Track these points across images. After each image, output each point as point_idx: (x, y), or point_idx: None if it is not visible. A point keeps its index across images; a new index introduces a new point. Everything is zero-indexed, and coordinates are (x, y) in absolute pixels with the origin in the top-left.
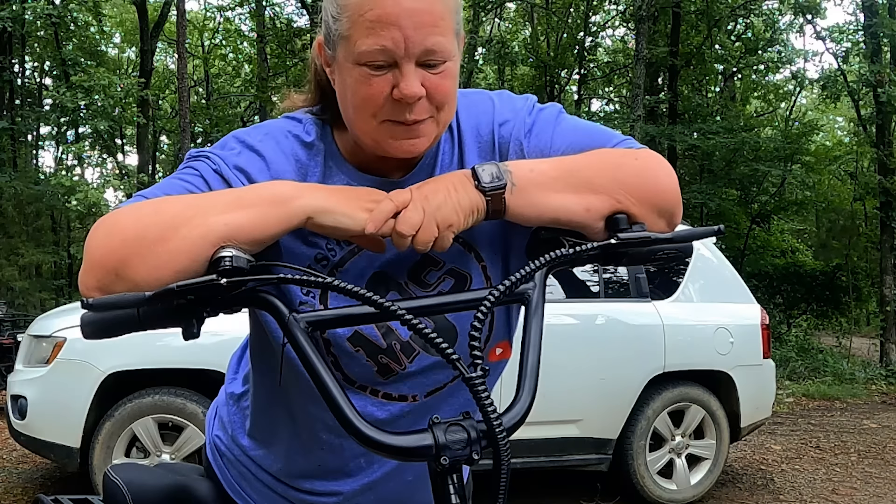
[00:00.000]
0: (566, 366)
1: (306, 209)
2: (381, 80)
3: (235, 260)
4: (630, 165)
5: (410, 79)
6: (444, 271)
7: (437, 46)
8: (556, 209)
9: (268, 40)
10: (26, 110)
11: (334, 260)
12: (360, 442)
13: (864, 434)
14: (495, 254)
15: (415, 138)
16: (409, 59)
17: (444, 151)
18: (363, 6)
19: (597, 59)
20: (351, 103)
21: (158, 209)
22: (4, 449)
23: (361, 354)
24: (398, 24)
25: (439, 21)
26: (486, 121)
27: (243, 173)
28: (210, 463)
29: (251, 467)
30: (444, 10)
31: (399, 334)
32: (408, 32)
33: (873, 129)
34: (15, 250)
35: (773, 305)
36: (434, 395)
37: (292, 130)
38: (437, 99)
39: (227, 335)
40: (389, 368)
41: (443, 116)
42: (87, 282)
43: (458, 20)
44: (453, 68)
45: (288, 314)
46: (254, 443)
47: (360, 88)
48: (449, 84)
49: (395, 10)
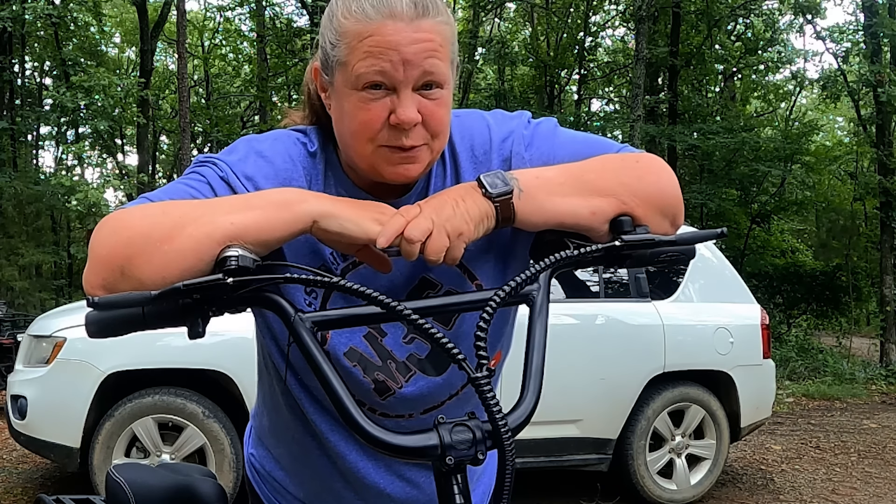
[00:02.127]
0: (566, 366)
1: (312, 213)
2: (379, 105)
3: (242, 259)
4: (633, 168)
5: (407, 104)
6: (441, 294)
7: (435, 69)
8: (563, 213)
9: (268, 40)
10: (26, 110)
11: (337, 272)
12: (366, 441)
13: (864, 434)
14: (491, 272)
15: (410, 164)
16: (406, 84)
17: (435, 175)
18: (362, 33)
19: (597, 59)
20: (348, 128)
21: (165, 209)
22: (4, 449)
23: (359, 370)
24: (398, 48)
25: (438, 48)
26: (481, 141)
27: (250, 181)
28: (249, 479)
29: (278, 488)
30: (442, 39)
31: (395, 355)
32: (407, 56)
33: (873, 129)
34: (15, 250)
35: (773, 305)
36: (430, 413)
37: (299, 139)
38: (431, 126)
39: (228, 335)
40: (386, 386)
41: (436, 144)
42: (91, 280)
43: (454, 50)
44: (448, 97)
45: (294, 314)
46: (275, 465)
47: (357, 114)
48: (443, 112)
49: (394, 37)
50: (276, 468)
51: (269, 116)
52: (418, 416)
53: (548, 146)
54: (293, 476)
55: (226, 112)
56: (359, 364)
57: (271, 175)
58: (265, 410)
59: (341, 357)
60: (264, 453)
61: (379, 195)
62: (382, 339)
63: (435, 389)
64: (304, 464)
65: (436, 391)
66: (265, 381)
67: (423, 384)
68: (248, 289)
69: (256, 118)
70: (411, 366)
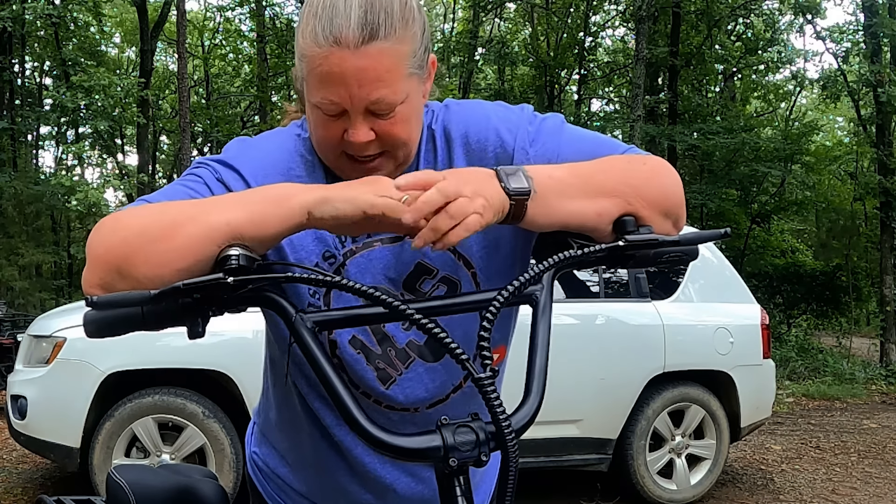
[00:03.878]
0: (566, 366)
1: (305, 204)
2: (335, 125)
3: (242, 259)
4: (640, 170)
5: (358, 127)
6: (437, 279)
7: (383, 98)
8: (570, 215)
9: (268, 40)
10: (26, 110)
11: (339, 257)
12: (367, 442)
13: (864, 434)
14: (485, 259)
15: (373, 173)
16: (356, 111)
17: (426, 162)
18: (314, 60)
19: (597, 59)
20: (314, 137)
21: (163, 209)
22: (4, 449)
23: (362, 358)
24: (343, 82)
25: (384, 75)
26: (477, 130)
27: (246, 178)
28: (251, 477)
29: (282, 485)
30: (391, 62)
31: (395, 341)
32: (353, 90)
33: (873, 129)
34: (15, 250)
35: (773, 305)
36: (436, 408)
37: (295, 130)
38: (387, 142)
39: (228, 335)
40: (388, 374)
41: (400, 153)
42: (89, 279)
43: (418, 57)
44: (405, 111)
45: (294, 314)
46: (280, 461)
47: (317, 129)
48: (399, 129)
49: (339, 70)
50: (280, 465)
51: (269, 116)
52: (424, 411)
53: (553, 143)
54: (298, 472)
55: (226, 112)
56: (361, 352)
57: (269, 169)
58: (273, 405)
59: (346, 345)
60: (268, 450)
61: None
62: (384, 324)
63: (436, 377)
64: (311, 458)
65: (437, 379)
66: (272, 375)
67: (423, 370)
68: (248, 288)
69: (256, 118)
70: (410, 352)
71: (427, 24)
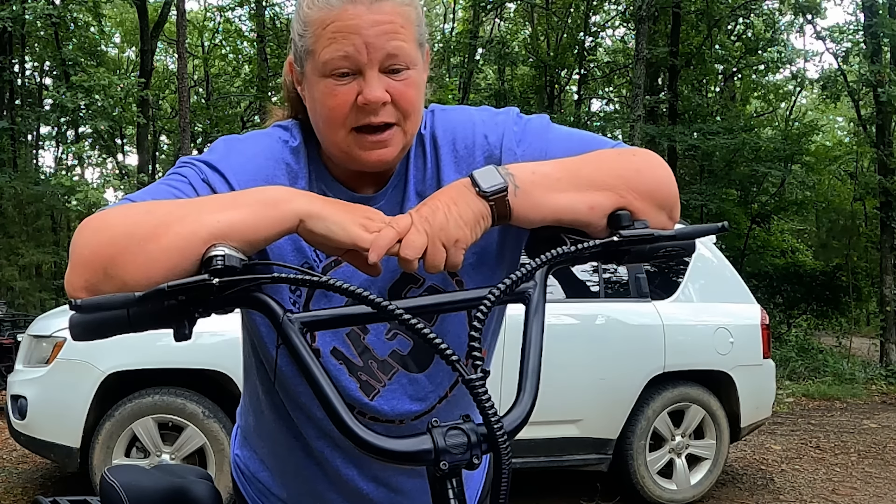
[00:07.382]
0: (566, 366)
1: (299, 212)
2: (347, 89)
3: (228, 259)
4: (630, 161)
5: (373, 84)
6: (423, 288)
7: (399, 51)
8: (561, 209)
9: (268, 40)
10: (26, 110)
11: (318, 269)
12: (357, 446)
13: (864, 434)
14: (472, 270)
15: (382, 148)
16: (371, 66)
17: (415, 167)
18: (325, 20)
19: (597, 59)
20: (320, 115)
21: (149, 208)
22: (4, 449)
23: (344, 369)
24: (359, 32)
25: (399, 29)
26: (464, 135)
27: (230, 180)
28: (234, 480)
29: (263, 489)
30: (404, 20)
31: (375, 353)
32: (369, 39)
33: (873, 129)
34: (15, 250)
35: (773, 305)
36: (422, 419)
37: (281, 136)
38: (402, 105)
39: (227, 335)
40: (370, 385)
41: (409, 126)
42: (73, 281)
43: (422, 32)
44: (417, 78)
45: (282, 315)
46: (260, 465)
47: (327, 100)
48: (413, 93)
49: (355, 21)
50: (260, 469)
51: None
52: (409, 422)
53: (540, 143)
54: (278, 477)
55: (226, 112)
56: (343, 363)
57: (252, 173)
58: (250, 410)
59: (329, 356)
60: (249, 454)
61: (357, 186)
62: (365, 336)
63: (420, 388)
64: (289, 465)
65: (422, 390)
66: (251, 381)
67: (406, 381)
68: (234, 289)
69: (256, 118)
70: (393, 363)
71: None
